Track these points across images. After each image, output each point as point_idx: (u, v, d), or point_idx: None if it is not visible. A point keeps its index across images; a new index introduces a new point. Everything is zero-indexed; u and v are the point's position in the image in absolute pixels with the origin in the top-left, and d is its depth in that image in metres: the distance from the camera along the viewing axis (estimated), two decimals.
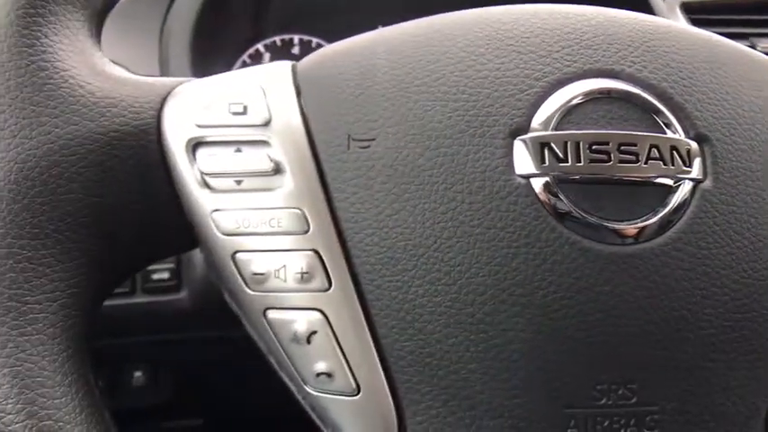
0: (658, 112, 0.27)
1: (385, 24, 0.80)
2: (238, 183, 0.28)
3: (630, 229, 0.26)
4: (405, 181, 0.27)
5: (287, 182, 0.28)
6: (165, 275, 0.58)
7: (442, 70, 0.28)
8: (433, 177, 0.27)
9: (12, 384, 0.25)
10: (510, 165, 0.26)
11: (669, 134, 0.27)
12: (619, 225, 0.26)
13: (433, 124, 0.27)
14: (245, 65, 0.77)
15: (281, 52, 0.78)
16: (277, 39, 0.78)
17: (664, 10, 0.68)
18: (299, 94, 0.29)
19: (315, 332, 0.27)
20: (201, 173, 0.29)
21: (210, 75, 0.46)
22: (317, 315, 0.27)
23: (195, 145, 0.29)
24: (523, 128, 0.27)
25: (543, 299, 0.26)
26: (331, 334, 0.27)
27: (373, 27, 0.81)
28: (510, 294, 0.26)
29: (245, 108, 0.29)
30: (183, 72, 0.61)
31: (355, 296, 0.27)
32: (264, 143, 0.28)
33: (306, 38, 0.79)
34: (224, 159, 0.29)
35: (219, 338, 0.60)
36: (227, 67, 0.75)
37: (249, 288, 0.28)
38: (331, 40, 0.83)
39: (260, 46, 0.78)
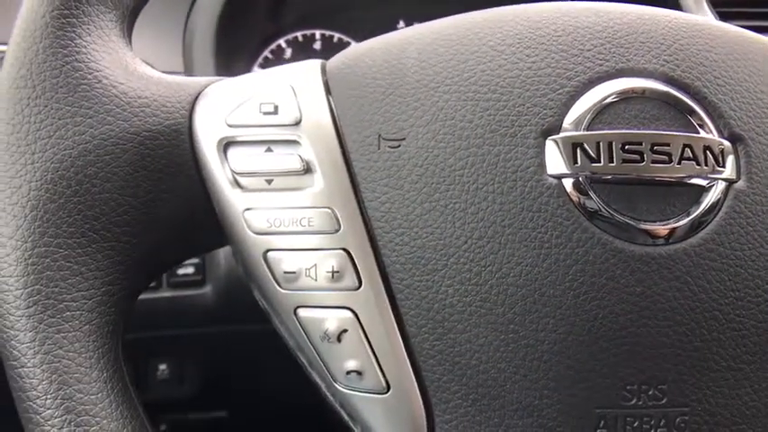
0: (692, 111, 0.27)
1: (407, 18, 0.79)
2: (269, 182, 0.29)
3: (662, 229, 0.26)
4: (435, 181, 0.27)
5: (317, 181, 0.28)
6: (191, 270, 0.58)
7: (473, 69, 0.28)
8: (464, 177, 0.27)
9: (50, 381, 0.26)
10: (542, 165, 0.26)
11: (703, 134, 0.27)
12: (651, 225, 0.26)
13: (464, 124, 0.27)
14: (267, 61, 0.77)
15: (302, 48, 0.78)
16: (299, 34, 0.78)
17: (691, 4, 0.67)
18: (329, 93, 0.29)
19: (345, 330, 0.27)
20: (233, 172, 0.29)
21: (233, 71, 0.46)
22: (348, 314, 0.28)
23: (226, 144, 0.29)
24: (555, 128, 0.27)
25: (575, 299, 0.26)
26: (361, 332, 0.27)
27: (395, 21, 0.81)
28: (541, 295, 0.26)
29: (275, 108, 0.29)
30: (206, 68, 0.61)
31: (385, 295, 0.27)
32: (295, 143, 0.29)
33: (328, 33, 0.79)
34: (255, 159, 0.29)
35: (242, 333, 0.61)
36: (250, 63, 0.76)
37: (280, 286, 0.29)
38: (353, 34, 0.83)
39: (282, 41, 0.78)
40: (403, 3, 0.80)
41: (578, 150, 0.26)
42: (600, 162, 0.26)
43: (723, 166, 0.27)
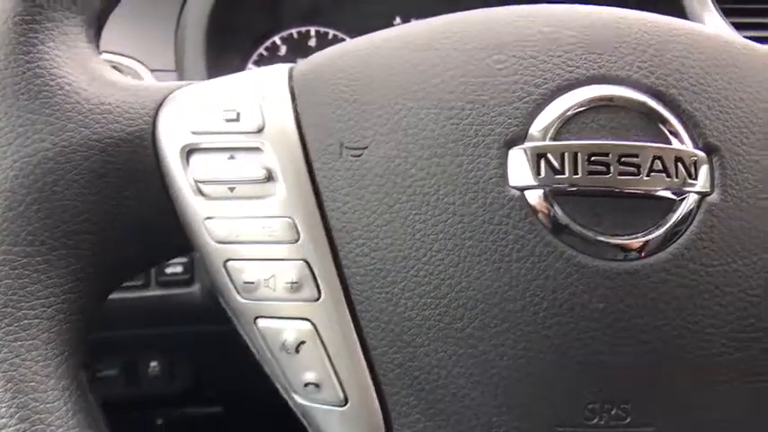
0: (665, 120, 0.26)
1: (403, 15, 0.79)
2: (231, 190, 0.28)
3: (630, 244, 0.25)
4: (396, 191, 0.26)
5: (279, 190, 0.28)
6: (179, 269, 0.58)
7: (441, 75, 0.27)
8: (425, 188, 0.26)
9: (5, 389, 0.26)
10: (504, 176, 0.26)
11: (675, 145, 0.26)
12: (618, 240, 0.25)
13: (427, 133, 0.26)
14: (261, 58, 0.76)
15: (297, 45, 0.78)
16: (294, 31, 0.78)
17: (695, 2, 0.65)
18: (293, 99, 0.29)
19: (303, 342, 0.27)
20: (195, 180, 0.28)
21: (226, 69, 0.46)
22: (307, 325, 0.27)
23: (189, 151, 0.29)
24: (519, 138, 0.26)
25: (535, 315, 0.25)
26: (320, 344, 0.27)
27: (391, 17, 0.80)
28: (501, 310, 0.25)
29: (238, 115, 0.28)
30: (196, 67, 0.61)
31: (345, 307, 0.27)
32: (257, 150, 0.28)
33: (323, 30, 0.78)
34: (217, 166, 0.28)
35: (231, 331, 0.61)
36: (243, 60, 0.75)
37: (240, 296, 0.28)
38: (348, 31, 0.83)
39: (276, 39, 0.77)
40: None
41: (542, 161, 0.25)
42: (564, 174, 0.25)
43: (695, 179, 0.26)
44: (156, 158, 0.29)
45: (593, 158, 0.25)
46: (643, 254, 0.25)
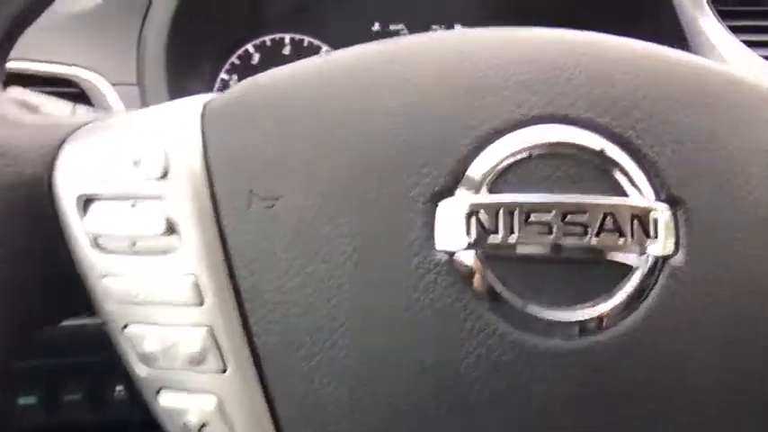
0: (621, 169, 0.22)
1: (382, 20, 0.75)
2: (131, 244, 0.25)
3: (578, 318, 0.21)
4: (310, 250, 0.23)
5: (182, 245, 0.24)
6: None
7: (368, 115, 0.24)
8: (342, 248, 0.22)
9: None
10: (430, 236, 0.22)
11: (631, 198, 0.22)
12: (562, 313, 0.22)
13: (345, 183, 0.23)
14: (233, 67, 0.73)
15: (271, 53, 0.74)
16: (267, 38, 0.74)
17: (687, 4, 0.61)
18: (203, 139, 0.25)
19: (205, 425, 0.24)
20: (91, 232, 0.25)
21: (194, 81, 0.42)
22: (212, 401, 0.24)
23: (87, 200, 0.25)
24: (449, 190, 0.22)
25: (465, 399, 0.21)
26: (225, 425, 0.24)
27: (370, 23, 0.76)
28: (430, 395, 0.22)
29: (139, 160, 0.25)
30: (157, 79, 0.57)
31: (255, 381, 0.24)
32: (159, 198, 0.25)
33: (298, 37, 0.75)
34: (117, 217, 0.25)
35: None
36: (215, 69, 0.72)
37: (141, 366, 0.25)
38: (325, 38, 0.79)
39: (249, 47, 0.74)
40: (378, 3, 0.75)
41: (474, 219, 0.22)
42: (499, 234, 0.21)
43: (655, 238, 0.22)
44: (53, 207, 0.26)
45: (532, 216, 0.21)
46: (593, 330, 0.21)
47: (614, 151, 0.23)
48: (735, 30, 0.65)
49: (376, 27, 0.77)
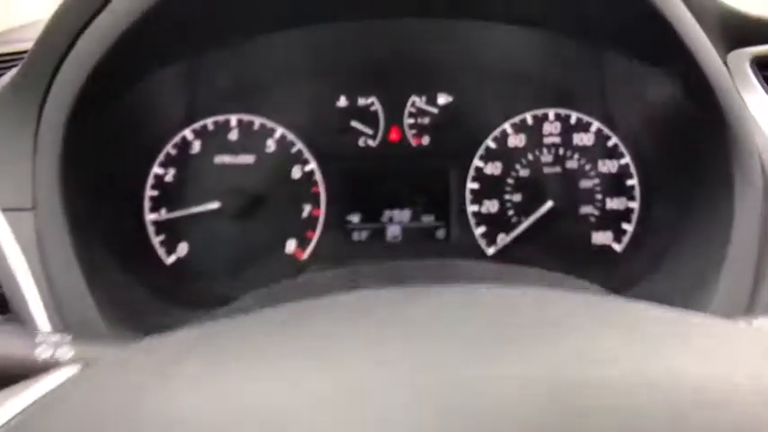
0: None
1: (350, 93, 0.62)
2: None
3: None
4: None
5: None
6: None
7: None
8: None
9: None
10: None
11: None
12: None
13: None
14: (169, 159, 0.59)
15: (214, 138, 0.61)
16: (209, 121, 0.61)
17: (721, 71, 0.48)
18: None
19: None
20: None
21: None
22: None
23: None
24: None
25: None
26: None
27: (334, 98, 0.63)
28: None
29: None
30: (51, 202, 0.44)
31: None
32: None
33: (247, 118, 0.62)
34: None
35: None
36: (146, 165, 0.58)
37: None
38: (280, 119, 0.66)
39: (187, 132, 0.61)
40: (345, 73, 0.62)
41: None
42: None
43: None
44: None
45: None
46: None
47: None
48: None
49: (342, 102, 0.65)
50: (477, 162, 0.63)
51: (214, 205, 0.59)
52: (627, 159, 0.63)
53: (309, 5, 0.51)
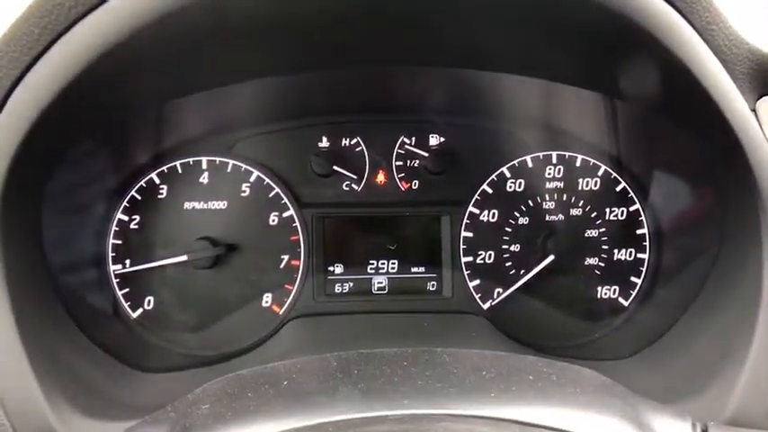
0: None
1: (331, 137, 0.57)
2: None
3: None
4: None
5: None
6: None
7: None
8: None
9: None
10: None
11: None
12: None
13: None
14: (134, 204, 0.54)
15: (184, 181, 0.56)
16: (178, 163, 0.56)
17: (749, 121, 0.42)
18: None
19: None
20: None
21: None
22: None
23: None
24: None
25: None
26: None
27: (316, 141, 0.58)
28: None
29: None
30: None
31: None
32: None
33: (220, 160, 0.56)
34: None
35: None
36: (108, 211, 0.53)
37: None
38: (254, 161, 0.60)
39: (153, 175, 0.55)
40: (328, 113, 0.57)
41: None
42: None
43: None
44: None
45: None
46: None
47: None
48: None
49: (324, 143, 0.59)
50: (471, 208, 0.57)
51: (181, 258, 0.54)
52: (637, 206, 0.57)
53: (294, 58, 0.46)
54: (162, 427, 0.31)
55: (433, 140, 0.58)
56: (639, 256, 0.57)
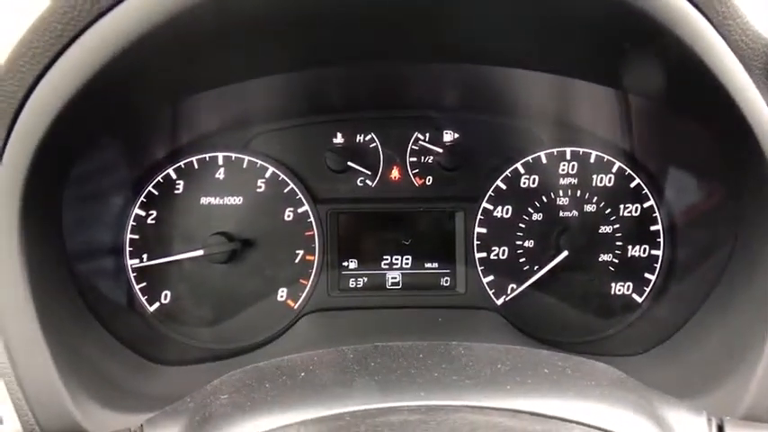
0: None
1: (346, 133, 0.57)
2: None
3: None
4: None
5: None
6: None
7: None
8: None
9: None
10: None
11: None
12: None
13: None
14: (151, 200, 0.55)
15: (200, 177, 0.56)
16: (195, 158, 0.56)
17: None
18: None
19: None
20: None
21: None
22: None
23: None
24: None
25: None
26: None
27: (331, 137, 0.58)
28: None
29: None
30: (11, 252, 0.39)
31: None
32: None
33: (236, 156, 0.57)
34: None
35: None
36: (127, 203, 0.54)
37: None
38: (269, 157, 0.60)
39: (171, 171, 0.56)
40: (343, 109, 0.57)
41: None
42: None
43: None
44: None
45: None
46: None
47: None
48: None
49: (339, 139, 0.59)
50: (485, 204, 0.58)
51: (198, 252, 0.55)
52: (651, 202, 0.57)
53: (309, 55, 0.46)
54: (182, 417, 0.31)
55: (447, 136, 0.59)
56: (654, 252, 0.57)
